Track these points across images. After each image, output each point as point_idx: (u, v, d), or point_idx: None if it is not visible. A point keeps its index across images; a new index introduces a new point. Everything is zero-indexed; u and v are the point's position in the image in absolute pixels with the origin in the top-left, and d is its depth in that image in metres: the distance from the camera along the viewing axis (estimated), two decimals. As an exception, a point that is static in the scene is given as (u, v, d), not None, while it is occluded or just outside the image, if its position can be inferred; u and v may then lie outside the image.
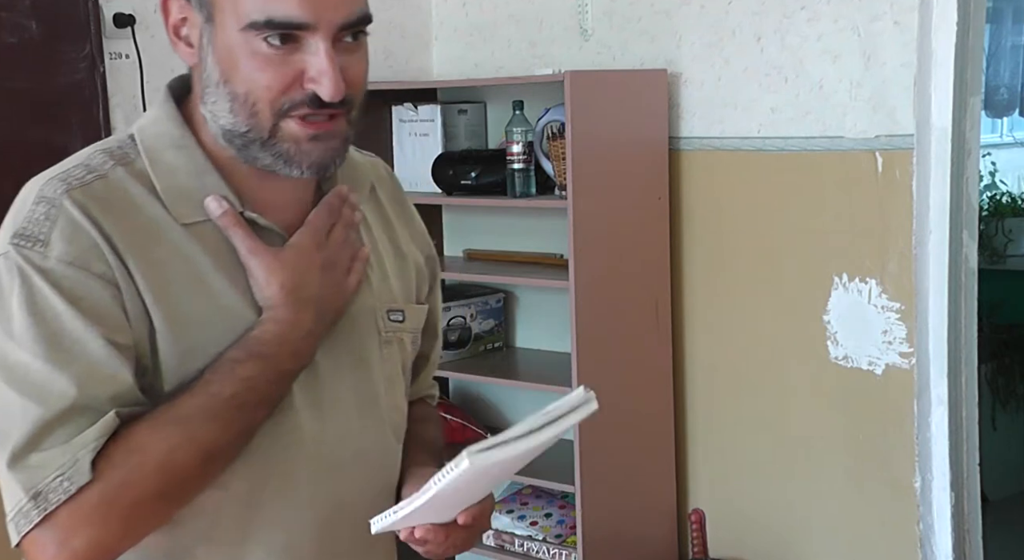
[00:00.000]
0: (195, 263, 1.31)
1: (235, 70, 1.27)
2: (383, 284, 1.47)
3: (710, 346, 3.38)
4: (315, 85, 1.28)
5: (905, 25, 2.95)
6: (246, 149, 1.31)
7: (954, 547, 3.05)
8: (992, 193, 5.71)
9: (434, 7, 3.79)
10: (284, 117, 1.29)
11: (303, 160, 1.31)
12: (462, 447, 1.22)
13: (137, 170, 1.32)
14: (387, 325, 1.46)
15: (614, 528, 3.27)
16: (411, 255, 1.55)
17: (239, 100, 1.28)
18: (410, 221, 1.58)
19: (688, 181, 3.35)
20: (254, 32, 1.25)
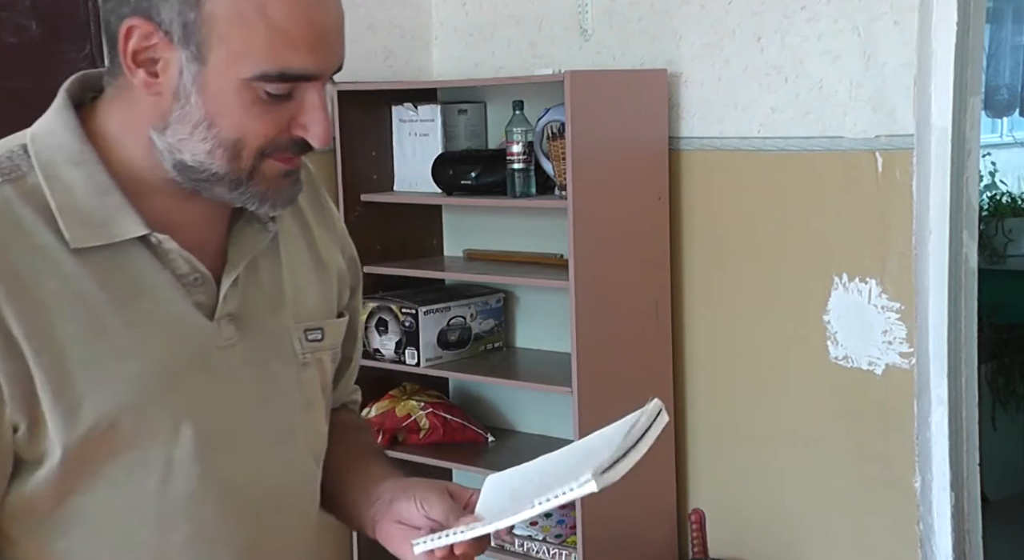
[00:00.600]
0: (87, 300, 1.21)
1: (226, 115, 1.21)
2: (301, 301, 1.38)
3: (710, 346, 3.37)
4: (305, 132, 1.24)
5: (905, 25, 2.95)
6: (206, 184, 1.24)
7: (954, 547, 3.05)
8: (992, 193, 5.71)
9: (434, 7, 3.79)
10: (264, 159, 1.24)
11: (277, 199, 1.27)
12: (462, 447, 1.23)
13: (28, 188, 1.22)
14: (305, 346, 1.38)
15: (614, 528, 3.27)
16: (332, 262, 1.46)
17: (225, 145, 1.21)
18: (330, 223, 1.49)
19: (688, 181, 3.35)
20: (262, 83, 1.20)
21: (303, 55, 1.20)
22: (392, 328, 3.49)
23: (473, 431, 3.58)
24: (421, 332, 3.44)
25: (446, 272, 3.62)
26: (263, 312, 1.34)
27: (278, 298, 1.35)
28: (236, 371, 1.30)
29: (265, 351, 1.33)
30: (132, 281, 1.24)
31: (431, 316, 3.46)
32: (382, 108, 3.63)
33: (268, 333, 1.34)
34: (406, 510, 1.36)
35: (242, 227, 1.33)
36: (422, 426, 3.53)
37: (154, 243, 1.25)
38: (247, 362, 1.31)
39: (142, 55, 1.21)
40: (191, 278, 1.28)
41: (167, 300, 1.26)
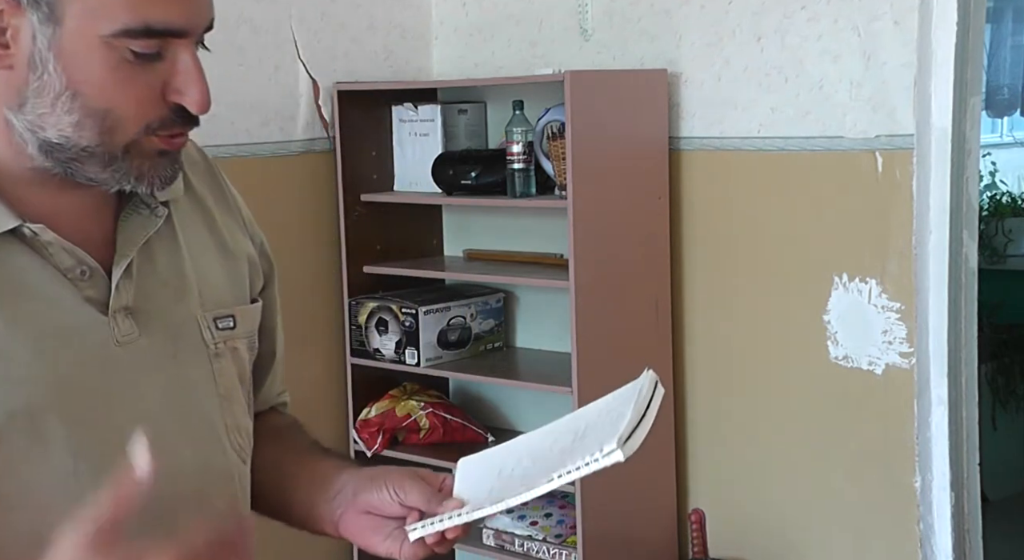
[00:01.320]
0: None
1: (91, 82, 1.11)
2: (208, 288, 1.28)
3: (710, 346, 3.37)
4: (181, 98, 1.14)
5: (905, 25, 2.95)
6: (75, 163, 1.14)
7: (954, 547, 3.05)
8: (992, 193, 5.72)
9: (434, 7, 3.79)
10: (147, 135, 1.14)
11: (154, 177, 1.16)
12: (462, 447, 1.22)
13: None
14: (216, 334, 1.28)
15: (614, 528, 3.27)
16: (239, 248, 1.36)
17: (96, 116, 1.11)
18: (234, 209, 1.39)
19: (688, 181, 3.35)
20: (125, 40, 1.10)
21: (166, 7, 1.11)
22: (392, 328, 3.49)
23: (473, 431, 3.58)
24: (421, 332, 3.44)
25: (446, 272, 3.62)
26: (165, 303, 1.24)
27: (180, 286, 1.26)
28: (140, 368, 1.20)
29: (171, 344, 1.23)
30: (10, 279, 1.14)
31: (431, 316, 3.46)
32: (382, 108, 3.63)
33: (173, 324, 1.24)
34: (376, 499, 1.29)
35: (128, 215, 1.23)
36: (422, 426, 3.53)
37: (29, 236, 1.15)
38: (152, 357, 1.21)
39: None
40: (78, 272, 1.18)
41: (53, 297, 1.16)
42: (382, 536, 1.29)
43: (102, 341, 1.18)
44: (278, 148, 3.46)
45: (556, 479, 1.18)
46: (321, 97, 3.53)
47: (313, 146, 3.54)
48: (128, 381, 1.19)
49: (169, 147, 1.16)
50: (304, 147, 3.53)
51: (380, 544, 1.29)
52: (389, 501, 1.29)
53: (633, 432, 1.18)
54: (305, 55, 3.48)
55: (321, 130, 3.55)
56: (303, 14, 3.49)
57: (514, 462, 1.29)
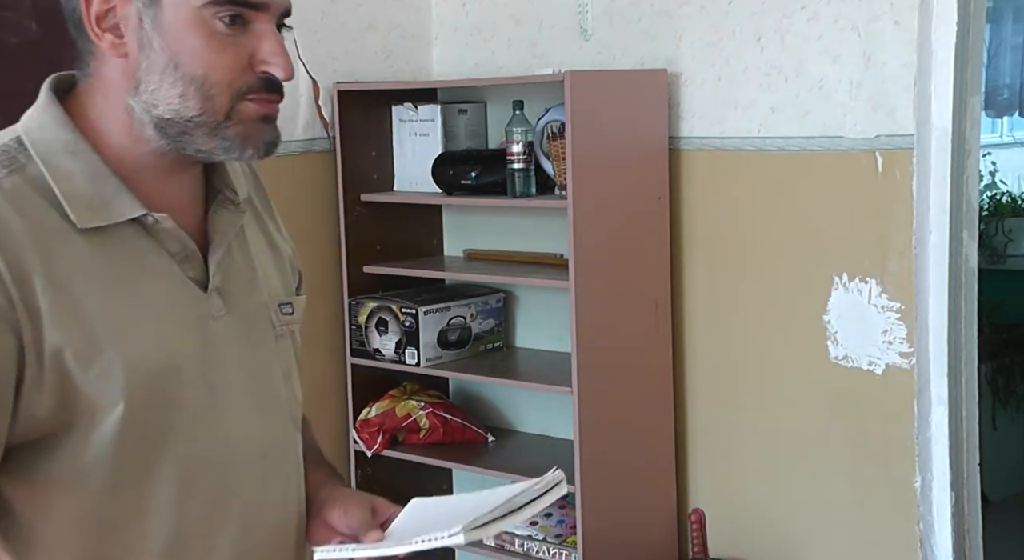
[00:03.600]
0: (100, 275, 1.29)
1: (189, 52, 1.27)
2: (268, 279, 1.48)
3: (710, 346, 3.37)
4: (268, 66, 1.30)
5: (905, 25, 2.95)
6: (186, 137, 1.30)
7: (954, 547, 3.05)
8: (992, 193, 5.72)
9: (434, 7, 3.79)
10: (241, 100, 1.30)
11: (256, 142, 1.33)
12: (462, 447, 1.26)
13: (30, 176, 1.29)
14: (280, 318, 1.47)
15: (614, 528, 3.27)
16: (283, 248, 1.56)
17: (195, 83, 1.28)
18: (275, 216, 1.58)
19: (688, 181, 3.35)
20: (213, 9, 1.26)
21: None
22: (392, 328, 3.49)
23: (473, 431, 3.58)
24: (421, 332, 3.44)
25: (446, 272, 3.62)
26: (242, 288, 1.42)
27: (252, 275, 1.44)
28: (226, 341, 1.38)
29: (247, 323, 1.42)
30: (134, 258, 1.32)
31: (431, 316, 3.46)
32: (382, 108, 3.62)
33: (248, 307, 1.42)
34: (332, 515, 1.48)
35: (216, 209, 1.41)
36: (422, 426, 3.53)
37: (150, 222, 1.32)
38: (234, 333, 1.40)
39: (105, 20, 1.29)
40: (182, 256, 1.35)
41: (168, 275, 1.34)
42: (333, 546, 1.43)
43: (201, 314, 1.36)
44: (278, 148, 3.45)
45: (414, 544, 1.34)
46: (321, 97, 3.53)
47: (313, 146, 3.54)
48: (218, 349, 1.37)
49: (268, 112, 1.32)
50: (304, 147, 3.53)
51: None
52: (339, 519, 1.47)
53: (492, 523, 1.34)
54: (305, 55, 3.48)
55: (321, 130, 3.55)
56: (303, 14, 3.48)
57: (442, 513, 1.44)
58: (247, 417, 1.40)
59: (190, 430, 1.34)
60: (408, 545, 1.35)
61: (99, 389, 1.27)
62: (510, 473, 3.40)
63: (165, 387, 1.32)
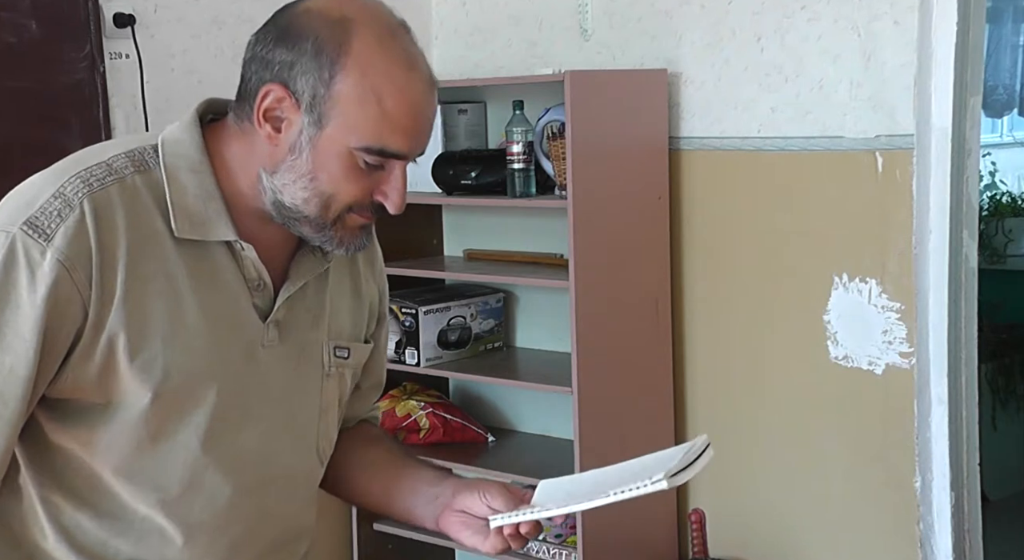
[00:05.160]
0: (176, 280, 1.44)
1: (328, 173, 1.43)
2: (335, 321, 1.61)
3: (710, 346, 3.37)
4: (384, 199, 1.47)
5: (905, 25, 2.95)
6: (294, 222, 1.48)
7: (954, 547, 3.05)
8: (992, 193, 5.72)
9: (434, 7, 3.79)
10: (349, 212, 1.46)
11: (350, 245, 1.50)
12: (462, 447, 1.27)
13: (153, 180, 1.45)
14: (332, 360, 1.60)
15: (614, 528, 3.27)
16: (368, 295, 1.68)
17: (322, 197, 1.44)
18: (374, 260, 1.72)
19: (688, 181, 3.35)
20: (363, 153, 1.43)
21: (401, 139, 1.44)
22: (392, 328, 3.48)
23: (473, 431, 3.58)
24: (421, 332, 3.44)
25: (446, 272, 3.62)
26: (304, 325, 1.56)
27: (318, 316, 1.58)
28: (271, 368, 1.52)
29: (297, 357, 1.55)
30: (213, 275, 1.47)
31: (431, 316, 3.46)
32: (382, 108, 3.62)
33: (304, 343, 1.56)
34: (469, 502, 1.58)
35: (304, 253, 1.55)
36: (422, 426, 3.53)
37: (238, 249, 1.48)
38: (282, 362, 1.53)
39: (271, 113, 1.44)
40: (256, 284, 1.51)
41: (235, 297, 1.49)
42: (471, 532, 1.57)
43: (254, 340, 1.51)
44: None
45: (612, 495, 1.44)
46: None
47: (313, 146, 3.53)
48: (261, 375, 1.51)
49: (367, 221, 1.50)
50: None
51: (469, 538, 1.58)
52: (479, 503, 1.57)
53: (679, 473, 1.44)
54: (305, 55, 3.48)
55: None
56: (303, 14, 3.49)
57: (583, 484, 1.58)
58: (274, 441, 1.54)
59: (207, 436, 1.47)
60: (604, 497, 1.43)
61: (137, 379, 1.41)
62: (510, 473, 3.40)
63: (191, 393, 1.45)
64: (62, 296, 1.37)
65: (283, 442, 1.55)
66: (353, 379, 1.66)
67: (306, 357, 1.57)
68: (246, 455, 1.51)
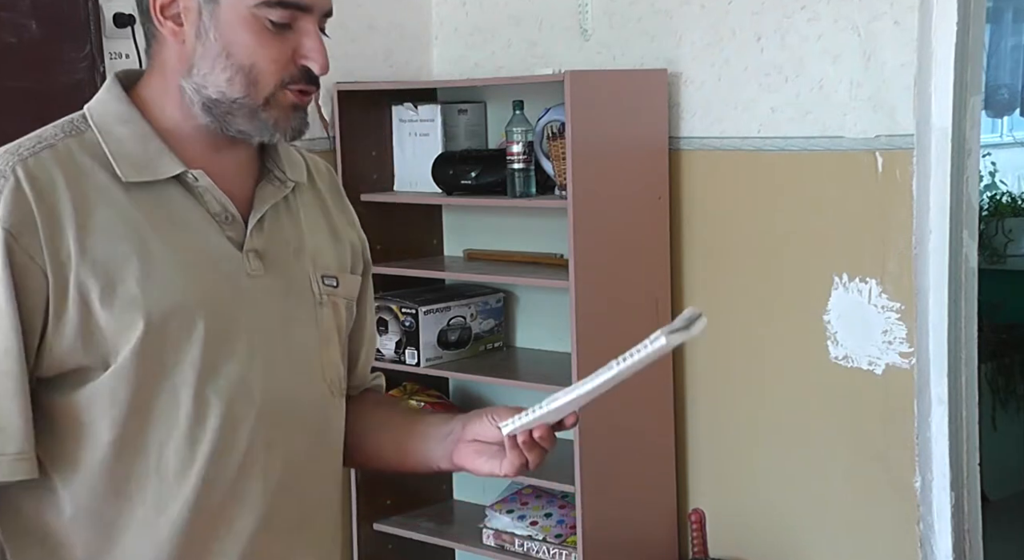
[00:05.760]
0: (136, 226, 1.45)
1: (239, 43, 1.45)
2: (318, 255, 1.61)
3: (710, 346, 3.37)
4: (308, 61, 1.47)
5: (905, 25, 2.95)
6: (228, 117, 1.48)
7: (954, 547, 3.05)
8: (992, 193, 5.72)
9: (434, 7, 3.79)
10: (282, 88, 1.47)
11: (287, 127, 1.50)
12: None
13: (87, 141, 1.48)
14: (322, 288, 1.60)
15: (614, 528, 3.27)
16: (347, 236, 1.69)
17: (243, 71, 1.45)
18: (349, 217, 1.73)
19: (688, 181, 3.35)
20: (263, 10, 1.44)
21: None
22: (392, 328, 3.49)
23: (473, 431, 3.57)
24: (421, 332, 3.44)
25: (446, 272, 3.62)
26: (285, 255, 1.56)
27: (299, 247, 1.58)
28: (262, 298, 1.53)
29: (286, 287, 1.56)
30: (173, 214, 1.48)
31: (431, 316, 3.46)
32: (382, 108, 3.63)
33: (290, 272, 1.57)
34: (479, 428, 1.57)
35: (264, 184, 1.57)
36: (422, 426, 3.53)
37: (191, 181, 1.49)
38: (272, 292, 1.54)
39: (168, 10, 1.47)
40: (223, 217, 1.51)
41: (203, 231, 1.50)
42: (486, 458, 1.56)
43: (236, 270, 1.51)
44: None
45: (616, 366, 1.40)
46: (321, 97, 3.53)
47: (313, 146, 3.54)
48: (251, 304, 1.51)
49: (300, 101, 1.49)
50: (304, 147, 3.48)
51: (484, 465, 1.56)
52: (490, 427, 1.56)
53: (677, 331, 1.34)
54: (305, 55, 3.48)
55: (321, 130, 3.55)
56: (303, 14, 3.49)
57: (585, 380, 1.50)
58: (276, 369, 1.52)
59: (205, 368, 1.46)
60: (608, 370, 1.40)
61: (120, 324, 1.42)
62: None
63: (179, 327, 1.45)
64: (18, 265, 1.39)
65: (287, 371, 1.54)
66: (349, 312, 1.66)
67: (296, 287, 1.57)
68: (249, 386, 1.50)
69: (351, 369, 1.72)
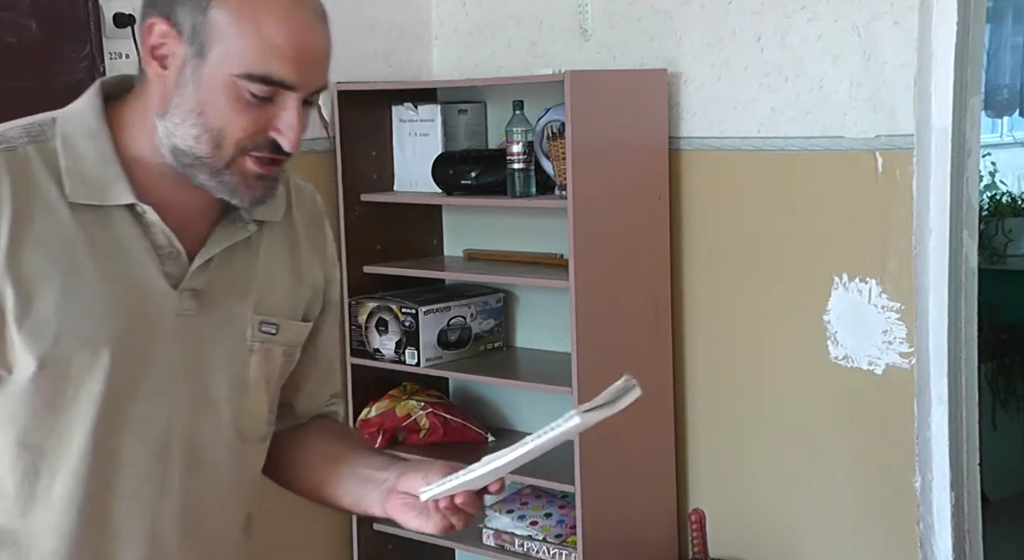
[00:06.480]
0: (73, 247, 1.43)
1: (214, 106, 1.41)
2: (266, 298, 1.57)
3: (710, 346, 3.37)
4: (279, 136, 1.44)
5: (905, 25, 2.95)
6: (192, 169, 1.45)
7: (954, 547, 3.05)
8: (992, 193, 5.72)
9: (434, 7, 3.79)
10: (244, 154, 1.44)
11: (246, 194, 1.47)
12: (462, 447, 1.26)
13: (47, 150, 1.45)
14: (256, 335, 1.56)
15: (614, 528, 3.27)
16: (309, 276, 1.65)
17: (211, 132, 1.42)
18: (321, 249, 1.69)
19: (688, 181, 3.35)
20: (245, 81, 1.40)
21: (284, 66, 1.41)
22: (392, 328, 3.49)
23: (473, 431, 3.58)
24: (421, 332, 3.44)
25: (446, 272, 3.62)
26: (227, 298, 1.54)
27: (245, 289, 1.55)
28: (186, 339, 1.50)
29: (218, 330, 1.53)
30: (114, 241, 1.46)
31: (431, 316, 3.46)
32: (382, 108, 3.63)
33: (227, 315, 1.54)
34: (411, 483, 1.55)
35: (225, 223, 1.53)
36: (422, 426, 3.53)
37: (139, 213, 1.46)
38: (198, 334, 1.51)
39: (158, 50, 1.43)
40: (166, 251, 1.48)
41: (141, 264, 1.47)
42: (415, 513, 1.55)
43: (164, 308, 1.48)
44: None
45: (529, 443, 1.40)
46: (321, 97, 3.53)
47: (313, 146, 3.54)
48: (171, 344, 1.49)
49: (262, 171, 1.45)
50: (304, 147, 3.45)
51: (413, 520, 1.55)
52: (420, 483, 1.54)
53: (595, 409, 1.37)
54: (305, 55, 3.48)
55: (321, 130, 3.55)
56: (303, 14, 3.49)
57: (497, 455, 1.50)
58: (181, 412, 1.51)
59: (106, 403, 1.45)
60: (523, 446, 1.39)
61: (25, 344, 1.41)
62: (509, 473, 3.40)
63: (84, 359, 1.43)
64: None
65: (193, 415, 1.52)
66: (286, 358, 1.62)
67: (229, 330, 1.54)
68: (150, 426, 1.48)
69: (293, 403, 1.70)
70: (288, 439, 1.69)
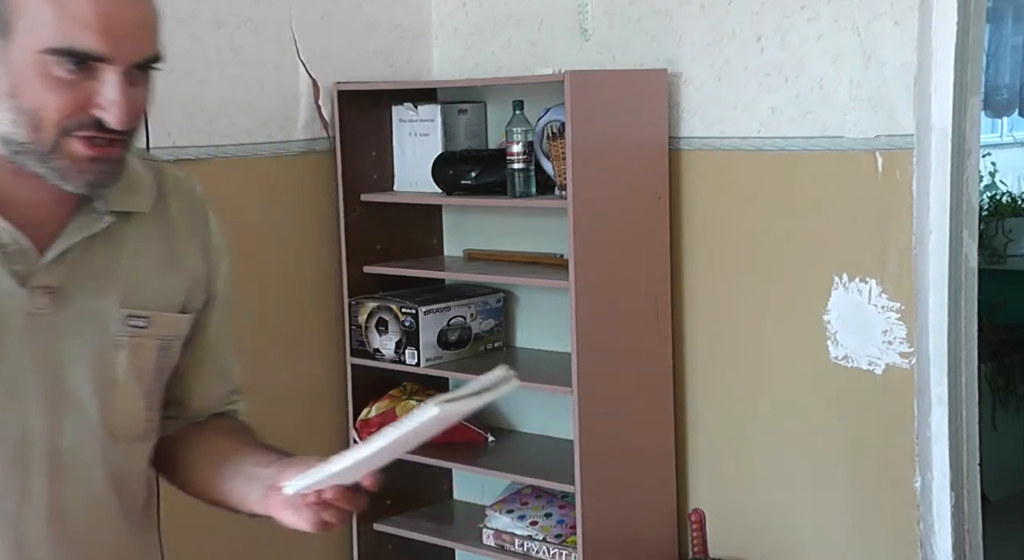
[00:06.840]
0: None
1: (25, 87, 1.33)
2: (134, 290, 1.50)
3: (710, 346, 3.37)
4: (103, 112, 1.34)
5: (905, 25, 2.95)
6: (21, 155, 1.37)
7: (954, 547, 3.05)
8: (992, 193, 5.73)
9: (434, 7, 3.79)
10: (67, 135, 1.34)
11: (79, 179, 1.37)
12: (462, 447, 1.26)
13: None
14: (122, 329, 1.49)
15: (614, 528, 3.27)
16: (188, 267, 1.58)
17: (25, 114, 1.34)
18: (203, 237, 1.61)
19: (688, 181, 3.35)
20: (51, 56, 1.31)
21: (91, 37, 1.31)
22: (392, 328, 3.49)
23: (473, 431, 3.58)
24: (421, 332, 3.44)
25: (446, 272, 3.62)
26: (87, 292, 1.46)
27: (106, 283, 1.48)
28: (39, 338, 1.43)
29: (79, 326, 1.45)
30: None
31: (431, 316, 3.46)
32: (382, 108, 3.62)
33: (87, 312, 1.46)
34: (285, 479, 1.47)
35: (80, 216, 1.45)
36: (422, 426, 3.52)
37: None
38: (55, 332, 1.44)
39: None
40: (11, 249, 1.40)
41: None
42: (292, 511, 1.46)
43: (14, 308, 1.41)
44: (278, 148, 3.46)
45: (388, 434, 1.35)
46: (321, 97, 3.53)
47: (313, 146, 3.54)
48: (22, 345, 1.41)
49: (97, 153, 1.36)
50: (304, 147, 3.53)
51: (290, 517, 1.47)
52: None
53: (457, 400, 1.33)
54: (305, 55, 3.48)
55: (321, 130, 3.55)
56: (303, 14, 3.49)
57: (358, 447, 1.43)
58: (37, 414, 1.44)
59: None
60: (382, 438, 1.34)
61: None
62: (510, 473, 3.41)
63: None
64: None
65: (54, 418, 1.44)
66: (161, 352, 1.55)
67: (91, 325, 1.46)
68: (6, 432, 1.41)
69: (185, 401, 1.64)
70: (183, 439, 1.64)
